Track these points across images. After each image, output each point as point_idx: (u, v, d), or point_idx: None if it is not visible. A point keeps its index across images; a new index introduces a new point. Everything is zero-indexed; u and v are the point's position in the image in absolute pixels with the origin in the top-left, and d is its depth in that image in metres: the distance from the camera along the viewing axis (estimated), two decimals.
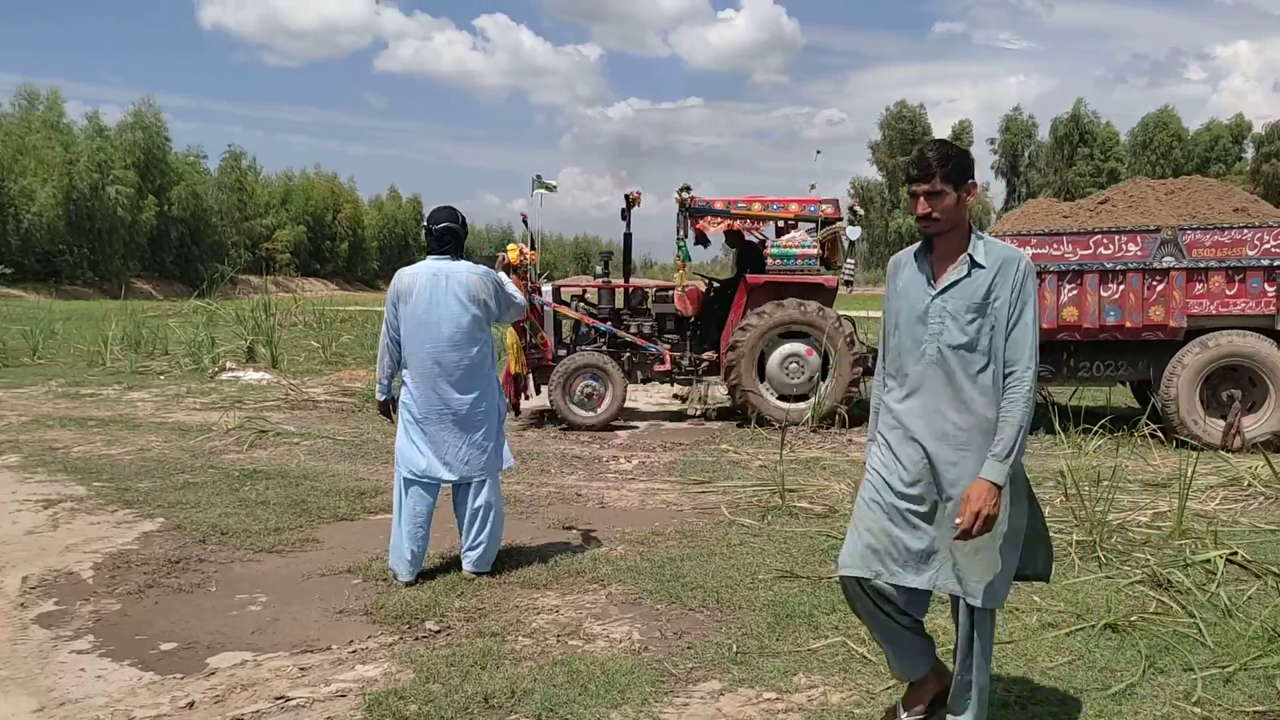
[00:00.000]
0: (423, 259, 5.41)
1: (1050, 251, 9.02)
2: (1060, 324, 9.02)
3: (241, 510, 6.61)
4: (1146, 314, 8.87)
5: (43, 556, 5.61)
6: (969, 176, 3.04)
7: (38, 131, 48.86)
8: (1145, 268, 8.81)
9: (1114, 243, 8.89)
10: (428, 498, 5.28)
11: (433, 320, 5.18)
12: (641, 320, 10.87)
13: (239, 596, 5.01)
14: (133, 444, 9.14)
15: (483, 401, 5.33)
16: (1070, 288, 8.99)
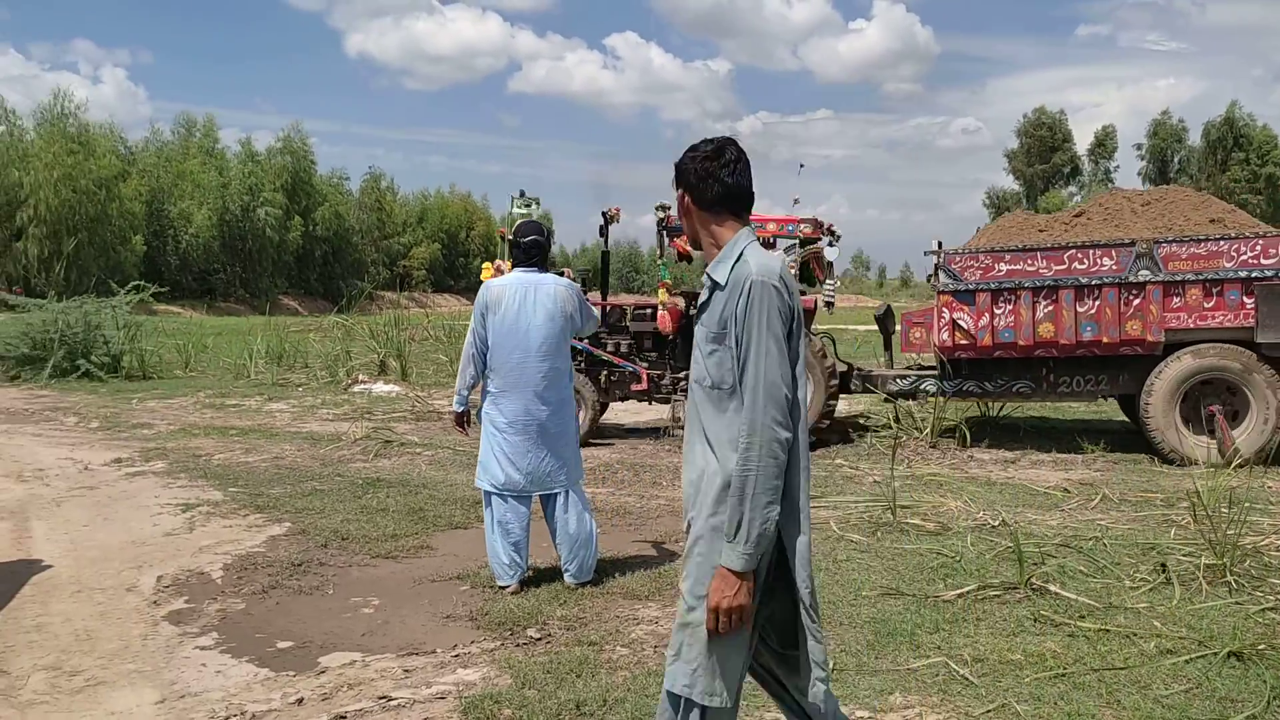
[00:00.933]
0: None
1: (1025, 267, 8.89)
2: (1037, 340, 8.90)
3: (362, 517, 6.87)
4: (1124, 329, 8.67)
5: (177, 557, 5.95)
6: (684, 185, 2.67)
7: (195, 157, 51.93)
8: (1121, 282, 8.62)
9: (1088, 257, 8.72)
10: (518, 507, 5.37)
11: (521, 330, 5.29)
12: (619, 338, 10.65)
13: (354, 599, 5.21)
14: (268, 452, 9.60)
15: (564, 412, 5.41)
16: (1046, 303, 8.87)
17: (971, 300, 9.07)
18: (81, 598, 5.23)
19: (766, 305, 2.44)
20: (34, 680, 4.11)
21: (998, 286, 8.98)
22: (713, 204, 2.61)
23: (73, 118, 43.23)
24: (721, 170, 2.60)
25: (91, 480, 8.31)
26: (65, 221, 40.09)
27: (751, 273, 2.47)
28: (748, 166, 2.65)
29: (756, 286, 2.45)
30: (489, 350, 5.33)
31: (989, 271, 9.01)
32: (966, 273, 9.08)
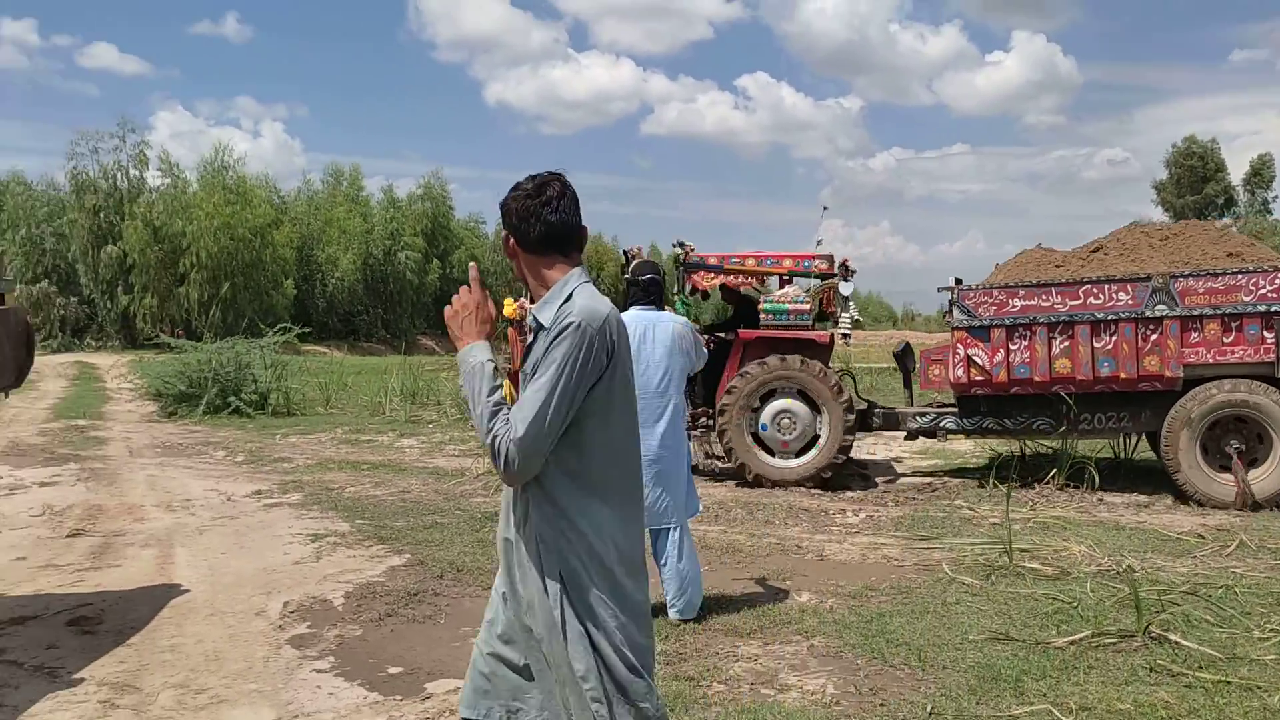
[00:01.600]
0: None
1: (1040, 302, 8.84)
2: (1054, 376, 8.80)
3: (478, 549, 7.08)
4: (1141, 364, 8.54)
5: (304, 584, 6.26)
6: (508, 226, 2.57)
7: (341, 205, 54.56)
8: (1138, 317, 8.52)
9: (1104, 292, 8.65)
10: None
11: (640, 367, 5.39)
12: None
13: (464, 629, 5.38)
14: (396, 486, 9.98)
15: (680, 448, 5.49)
16: (1062, 339, 8.77)
17: (986, 336, 9.01)
18: (214, 621, 5.56)
19: (574, 349, 2.35)
20: (163, 697, 4.41)
21: (1013, 322, 8.91)
22: (537, 244, 2.51)
23: (231, 170, 46.13)
24: (544, 209, 2.49)
25: (233, 510, 8.81)
26: (223, 267, 42.67)
27: (573, 314, 2.38)
28: (573, 203, 2.53)
29: (570, 329, 2.36)
30: None
31: (1003, 307, 8.97)
32: (980, 309, 9.03)
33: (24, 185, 46.02)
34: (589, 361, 2.37)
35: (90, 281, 43.06)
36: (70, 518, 8.56)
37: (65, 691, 4.48)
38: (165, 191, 44.53)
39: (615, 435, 2.47)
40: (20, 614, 5.69)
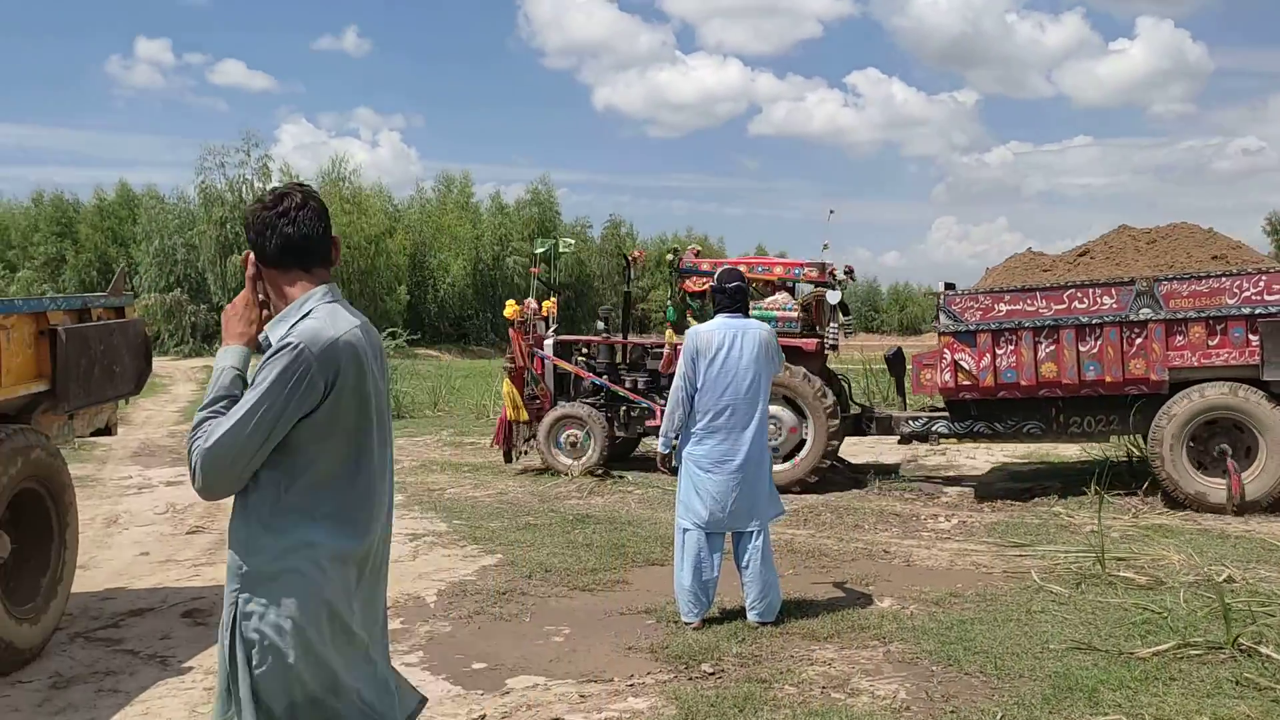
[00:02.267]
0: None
1: (1024, 307, 8.84)
2: (1040, 380, 8.78)
3: (567, 551, 7.27)
4: (1127, 368, 8.52)
5: (399, 582, 6.54)
6: (248, 239, 2.44)
7: (452, 212, 55.99)
8: (1122, 320, 8.50)
9: (1089, 296, 8.64)
10: (710, 546, 5.55)
11: (729, 373, 5.49)
12: (637, 376, 10.91)
13: (547, 628, 5.56)
14: (494, 488, 10.27)
15: (765, 452, 5.59)
16: (1048, 344, 8.74)
17: (973, 341, 8.99)
18: None
19: (285, 371, 2.23)
20: None
21: (998, 327, 8.89)
22: (276, 258, 2.39)
23: (347, 181, 47.81)
24: (280, 220, 2.37)
25: None
26: (340, 275, 44.19)
27: (294, 335, 2.27)
28: (315, 215, 2.41)
29: (285, 350, 2.25)
30: (698, 393, 5.56)
31: (989, 312, 8.96)
32: (966, 314, 9.02)
33: (157, 199, 48.50)
34: (300, 386, 2.23)
35: (218, 289, 45.13)
36: (191, 515, 9.09)
37: (175, 679, 4.82)
38: None
39: (334, 465, 2.31)
40: (140, 606, 6.11)
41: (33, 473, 5.03)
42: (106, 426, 6.34)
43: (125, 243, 48.80)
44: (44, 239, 49.17)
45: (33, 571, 5.15)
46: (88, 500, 9.97)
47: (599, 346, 11.42)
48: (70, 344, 5.27)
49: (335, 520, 2.31)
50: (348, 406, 2.32)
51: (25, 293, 41.65)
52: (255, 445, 2.23)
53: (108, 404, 6.10)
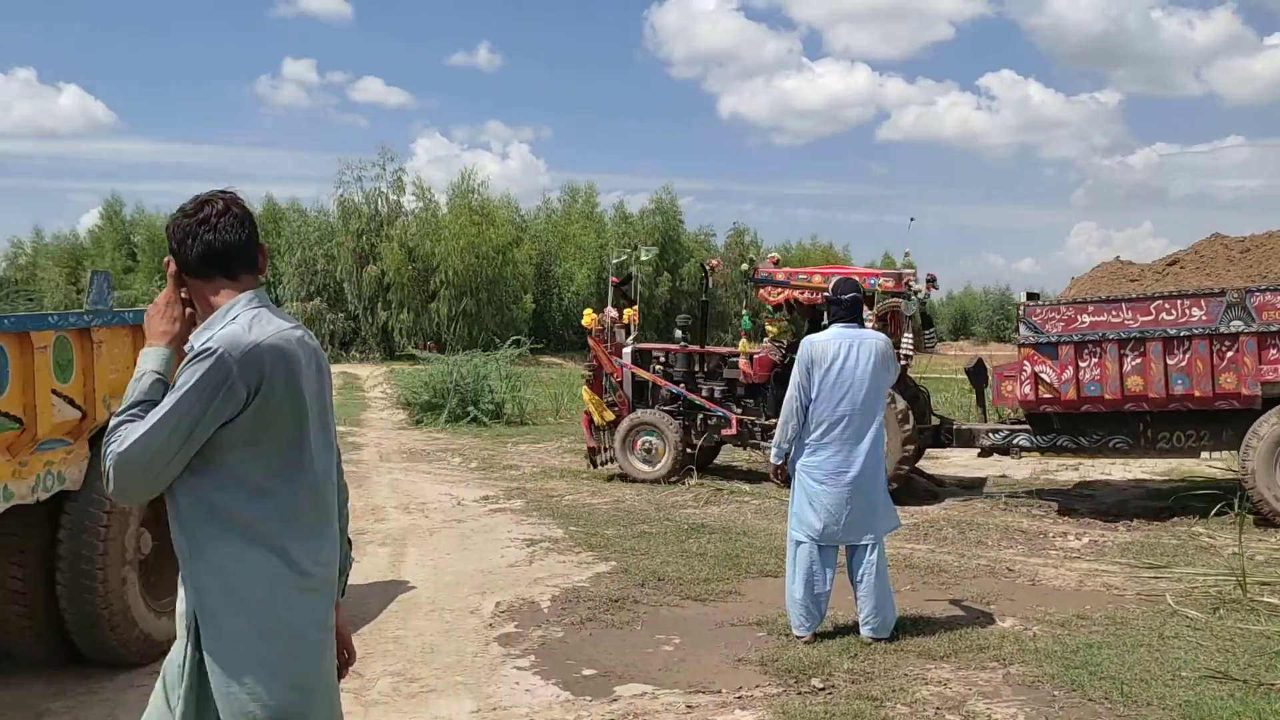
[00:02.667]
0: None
1: (1109, 318, 8.57)
2: (1125, 394, 8.51)
3: (681, 560, 7.27)
4: (1217, 382, 8.21)
5: (515, 587, 6.66)
6: (170, 248, 2.36)
7: (576, 222, 56.80)
8: (1212, 333, 8.19)
9: (1177, 308, 8.35)
10: (823, 559, 5.47)
11: (845, 384, 5.41)
12: (715, 384, 10.98)
13: (657, 636, 5.57)
14: (611, 495, 10.36)
15: (880, 465, 5.49)
16: (1134, 356, 8.48)
17: (1054, 353, 8.75)
18: (433, 616, 6.03)
19: (203, 376, 2.15)
20: (381, 683, 4.85)
21: (1081, 339, 8.65)
22: (198, 266, 2.31)
23: (476, 193, 49.05)
24: (200, 228, 2.30)
25: (461, 514, 9.45)
26: (468, 284, 45.39)
27: (213, 340, 2.19)
28: (237, 221, 2.34)
29: (204, 355, 2.17)
30: (812, 403, 5.50)
31: (1071, 324, 8.73)
32: (1048, 325, 8.80)
33: (300, 212, 50.78)
34: (219, 392, 2.16)
35: (354, 299, 46.94)
36: None
37: None
38: (418, 214, 47.95)
39: (268, 472, 2.25)
40: None
41: None
42: None
43: (270, 254, 51.12)
44: None
45: (171, 568, 5.42)
46: None
47: (676, 355, 11.53)
48: None
49: (276, 528, 2.25)
50: (278, 412, 2.24)
51: None
52: (171, 451, 2.15)
53: None
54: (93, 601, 4.70)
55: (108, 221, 55.75)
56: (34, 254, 56.45)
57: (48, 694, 4.75)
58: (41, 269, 53.01)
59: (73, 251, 55.65)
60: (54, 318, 4.50)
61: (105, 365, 4.82)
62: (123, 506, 4.80)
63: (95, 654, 4.92)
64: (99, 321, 4.78)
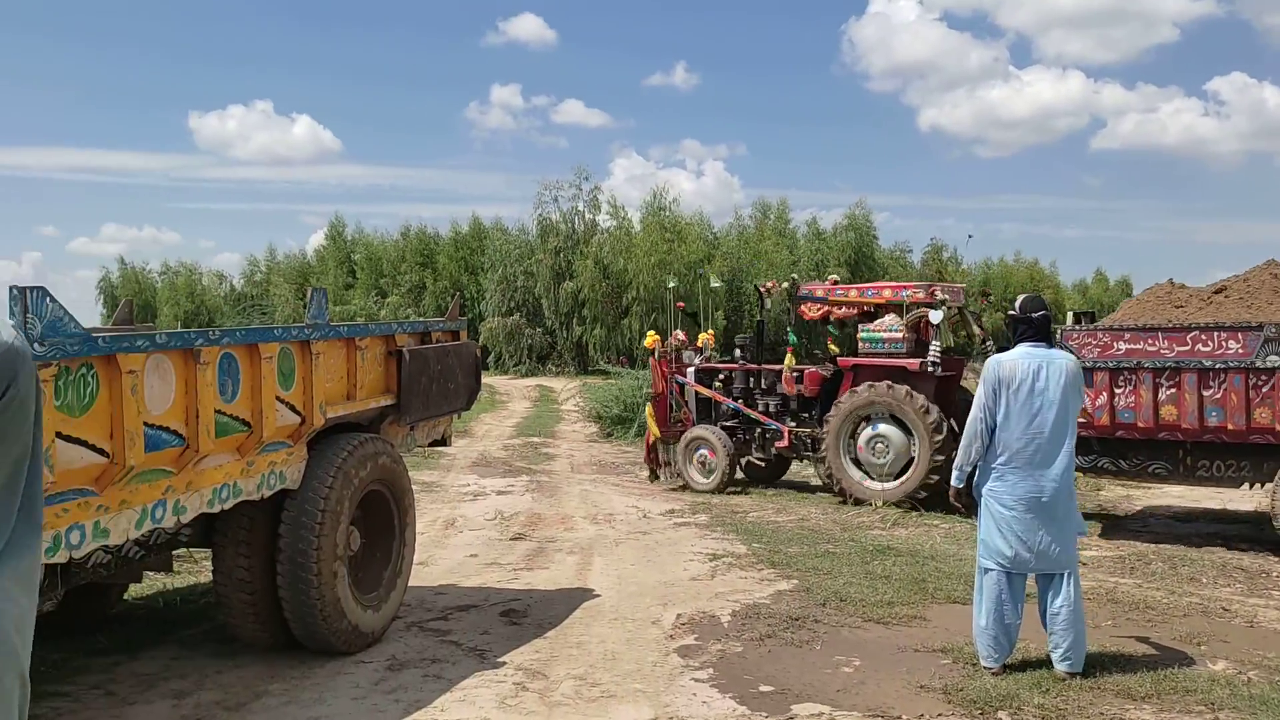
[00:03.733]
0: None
1: (1145, 347, 8.54)
2: (1159, 423, 8.50)
3: (864, 581, 7.15)
4: (1252, 416, 8.06)
5: (696, 600, 6.74)
6: None
7: (769, 238, 56.60)
8: (1248, 367, 8.04)
9: (1213, 339, 8.27)
10: (1012, 588, 5.27)
11: (1037, 407, 5.22)
12: (770, 399, 11.51)
13: (837, 657, 5.52)
14: (796, 513, 10.29)
15: (1071, 490, 5.25)
16: (1168, 386, 8.43)
17: (1090, 379, 8.56)
18: (616, 624, 6.18)
19: None
20: (564, 686, 5.03)
21: (1116, 366, 8.65)
22: None
23: (667, 210, 49.78)
24: None
25: (646, 526, 9.62)
26: (659, 300, 46.09)
27: None
28: None
29: None
30: (999, 426, 5.34)
31: (1107, 350, 8.74)
32: (1084, 350, 8.75)
33: (502, 231, 52.99)
34: None
35: (551, 314, 48.52)
36: (515, 523, 9.85)
37: (489, 671, 5.27)
38: (612, 232, 49.11)
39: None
40: (465, 603, 6.72)
41: (379, 476, 5.71)
42: (443, 438, 7.04)
43: (475, 271, 53.66)
44: (409, 268, 55.12)
45: (377, 565, 5.84)
46: (432, 504, 11.09)
47: (735, 373, 12.04)
48: (413, 363, 5.95)
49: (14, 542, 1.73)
50: (18, 420, 1.67)
51: (394, 317, 46.97)
52: None
53: (444, 417, 6.79)
54: (307, 592, 5.10)
55: (331, 241, 59.84)
56: (267, 271, 61.38)
57: (265, 676, 5.18)
58: (274, 285, 57.61)
59: (301, 269, 60.09)
60: (278, 331, 4.93)
61: (322, 374, 5.24)
62: (335, 506, 5.21)
63: (309, 641, 5.33)
64: (317, 335, 5.20)
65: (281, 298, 53.45)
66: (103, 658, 5.46)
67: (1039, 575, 5.29)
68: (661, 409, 12.24)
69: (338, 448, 5.38)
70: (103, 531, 3.91)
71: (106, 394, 3.84)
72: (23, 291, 3.43)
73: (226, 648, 5.62)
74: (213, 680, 5.13)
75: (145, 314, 57.06)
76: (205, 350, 4.36)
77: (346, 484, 5.32)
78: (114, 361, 3.85)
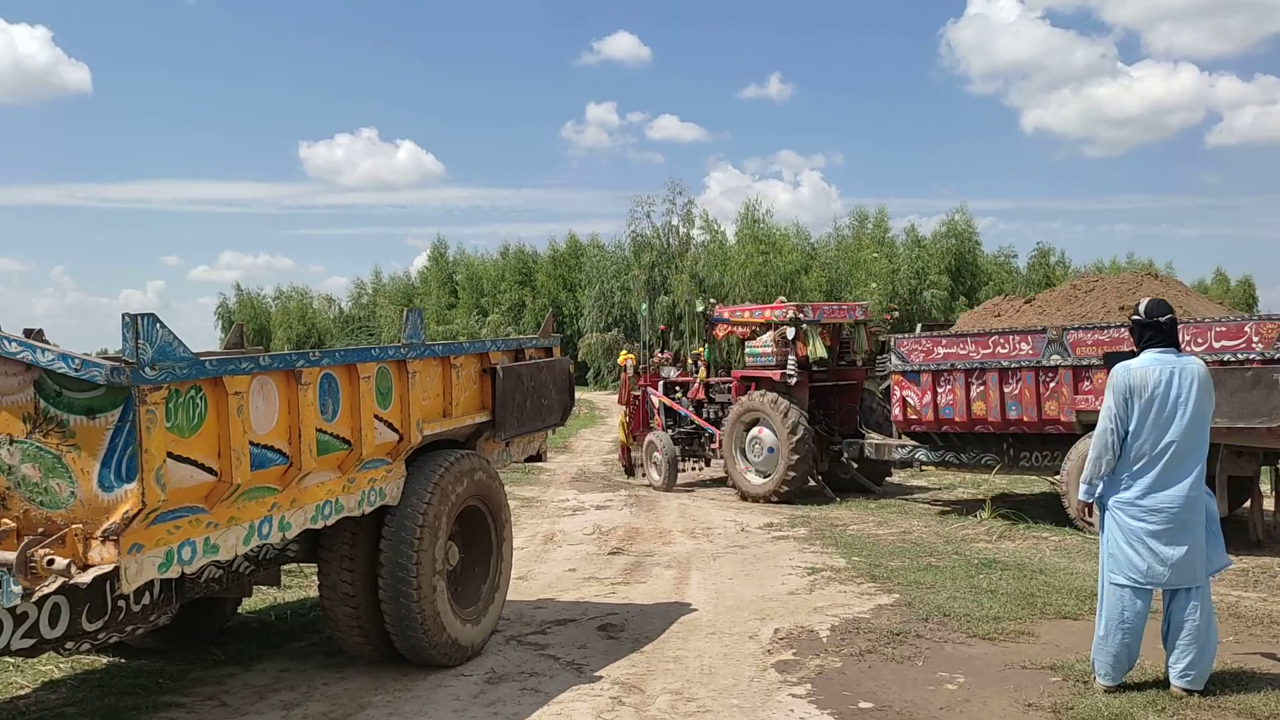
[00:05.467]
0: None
1: (958, 351, 10.14)
2: (972, 418, 10.03)
3: (969, 596, 6.97)
4: (1042, 409, 9.50)
5: (795, 614, 6.66)
6: None
7: (867, 247, 55.79)
8: (1037, 366, 9.49)
9: (1009, 343, 9.75)
10: (1140, 603, 5.05)
11: (1172, 417, 4.99)
12: (713, 408, 13.37)
13: (940, 674, 5.38)
14: (898, 526, 10.10)
15: (1204, 501, 5.00)
16: (977, 384, 9.95)
17: (917, 380, 10.37)
18: (713, 639, 6.15)
19: None
20: (660, 700, 5.02)
21: (936, 368, 10.23)
22: None
23: (761, 222, 49.52)
24: None
25: (744, 540, 9.56)
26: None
27: None
28: None
29: None
30: (1130, 436, 5.12)
31: (929, 354, 10.34)
32: (912, 355, 10.44)
33: (599, 247, 53.49)
34: None
35: (646, 328, 48.77)
36: (614, 537, 9.90)
37: (586, 685, 5.29)
38: (707, 245, 49.10)
39: None
40: (564, 617, 6.77)
41: (476, 492, 5.81)
42: (538, 454, 7.12)
43: (573, 288, 54.27)
44: (509, 286, 56.06)
45: (475, 579, 5.93)
46: (531, 519, 11.23)
47: (688, 384, 14.06)
48: (507, 380, 6.04)
49: None
50: None
51: (494, 335, 47.82)
52: None
53: (539, 433, 6.87)
54: (407, 606, 5.21)
55: (434, 262, 61.25)
56: (373, 293, 63.19)
57: (370, 688, 5.31)
58: (380, 307, 59.24)
59: (405, 290, 61.65)
60: (375, 351, 5.06)
61: (419, 393, 5.35)
62: (433, 521, 5.31)
63: (410, 654, 5.44)
64: (414, 354, 5.32)
65: (386, 319, 54.88)
66: (217, 669, 5.67)
67: (1166, 589, 5.06)
68: (637, 418, 14.26)
69: (435, 464, 5.49)
70: (213, 547, 4.07)
71: (214, 415, 4.00)
72: (134, 319, 3.60)
73: (334, 660, 5.78)
74: (320, 692, 5.28)
75: (261, 337, 59.41)
76: (306, 371, 4.50)
77: (444, 500, 5.42)
78: (221, 384, 4.00)
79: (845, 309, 13.12)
